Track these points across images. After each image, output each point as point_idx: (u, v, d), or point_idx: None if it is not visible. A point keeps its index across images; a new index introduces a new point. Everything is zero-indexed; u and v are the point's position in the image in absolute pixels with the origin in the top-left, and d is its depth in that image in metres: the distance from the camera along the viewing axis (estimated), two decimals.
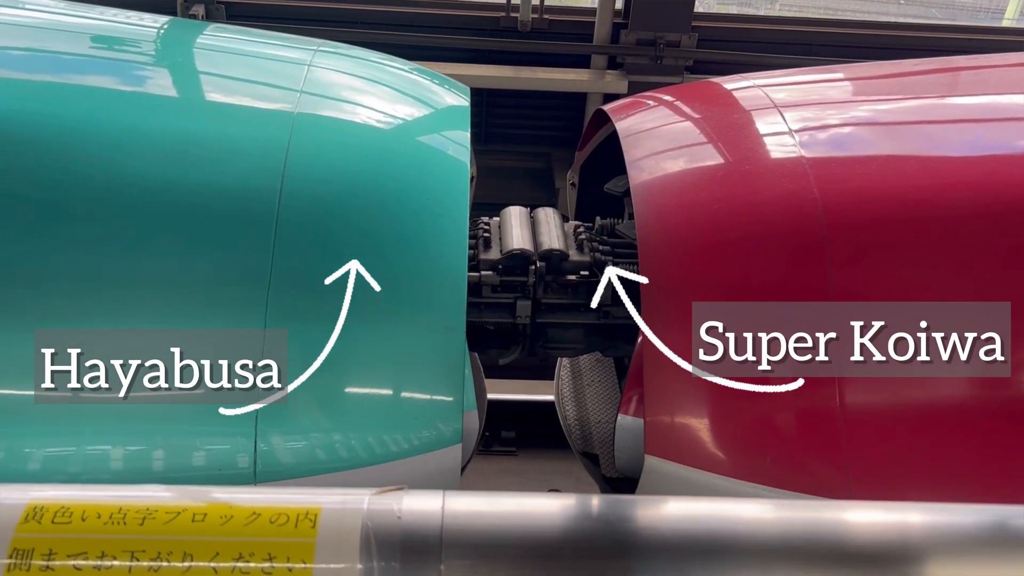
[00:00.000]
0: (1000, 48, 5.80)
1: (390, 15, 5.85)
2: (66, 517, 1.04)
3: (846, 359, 1.85)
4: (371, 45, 2.99)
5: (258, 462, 1.76)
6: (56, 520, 1.04)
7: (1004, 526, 1.23)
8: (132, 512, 1.05)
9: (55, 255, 1.84)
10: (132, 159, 1.95)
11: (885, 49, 5.81)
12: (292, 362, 1.80)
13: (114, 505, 1.06)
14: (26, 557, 1.01)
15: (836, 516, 1.25)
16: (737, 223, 2.02)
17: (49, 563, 1.01)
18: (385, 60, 2.62)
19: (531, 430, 3.99)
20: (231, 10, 5.71)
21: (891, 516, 1.26)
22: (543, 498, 1.22)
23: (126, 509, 1.05)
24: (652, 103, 2.63)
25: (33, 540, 1.03)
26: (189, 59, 2.48)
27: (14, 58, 2.28)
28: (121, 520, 1.04)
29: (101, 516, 1.04)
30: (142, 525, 1.04)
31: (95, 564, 1.00)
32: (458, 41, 5.78)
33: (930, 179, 2.09)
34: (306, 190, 1.93)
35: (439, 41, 5.73)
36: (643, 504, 1.23)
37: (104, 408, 1.76)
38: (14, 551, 1.02)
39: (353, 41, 2.97)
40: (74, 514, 1.04)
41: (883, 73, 2.81)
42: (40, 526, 1.04)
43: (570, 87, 5.85)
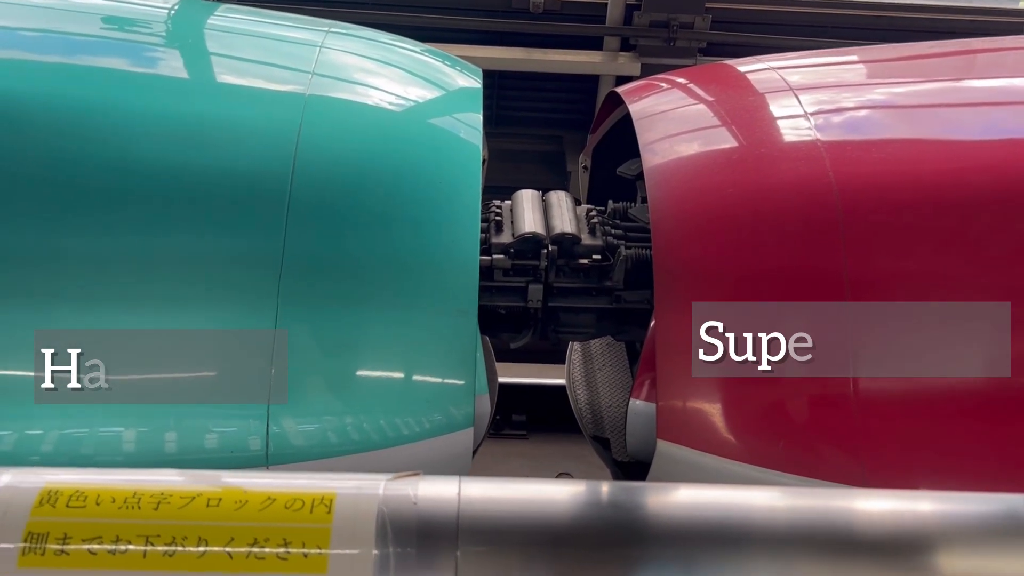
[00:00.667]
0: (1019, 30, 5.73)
1: None
2: (81, 501, 1.04)
3: (859, 345, 1.84)
4: (382, 26, 2.97)
5: (270, 445, 1.76)
6: (71, 504, 1.04)
7: (1016, 515, 1.22)
8: (147, 496, 1.05)
9: (67, 237, 1.84)
10: (142, 141, 1.94)
11: (902, 31, 5.75)
12: (304, 345, 1.80)
13: (129, 489, 1.06)
14: (41, 541, 1.01)
15: (847, 504, 1.24)
16: (751, 207, 2.00)
17: (64, 547, 1.01)
18: (397, 41, 2.61)
19: (542, 414, 3.99)
20: None
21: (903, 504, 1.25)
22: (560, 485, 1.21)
23: (141, 493, 1.06)
24: (665, 85, 2.60)
25: (48, 524, 1.03)
26: (200, 40, 2.47)
27: (25, 39, 2.28)
28: (136, 504, 1.04)
29: (116, 500, 1.04)
30: (157, 510, 1.05)
31: (110, 548, 1.01)
32: (469, 22, 5.74)
33: (947, 163, 2.06)
34: (318, 172, 1.92)
35: (450, 22, 5.70)
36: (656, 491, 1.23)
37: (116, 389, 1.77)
38: (29, 535, 1.02)
39: (364, 22, 2.96)
40: (89, 498, 1.04)
41: (900, 56, 2.78)
42: (55, 510, 1.04)
43: (582, 69, 5.81)
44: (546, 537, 1.10)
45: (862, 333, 1.85)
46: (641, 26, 5.67)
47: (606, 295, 2.30)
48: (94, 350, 1.77)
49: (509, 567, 1.06)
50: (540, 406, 4.00)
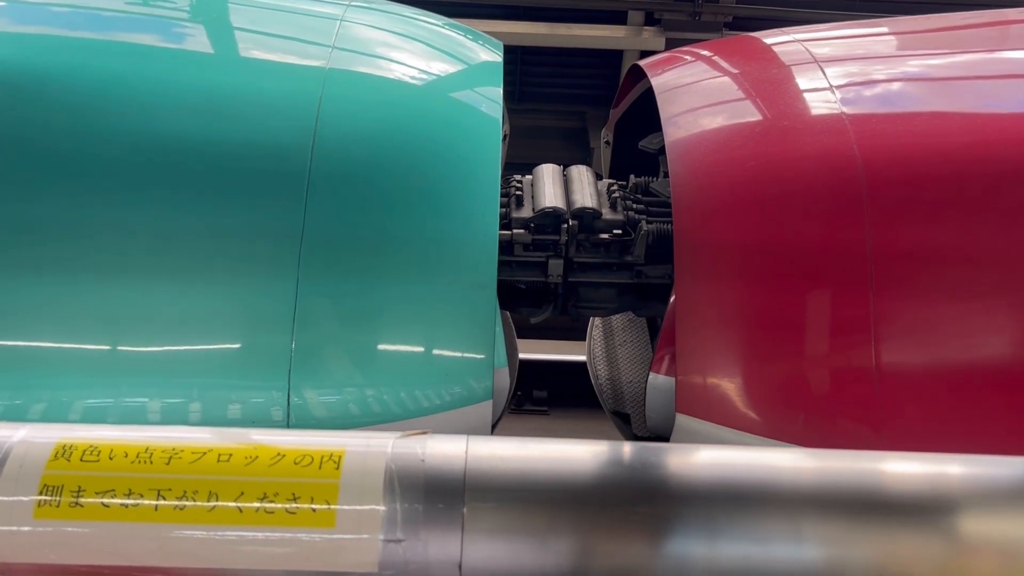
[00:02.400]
0: None
1: None
2: (95, 455, 1.06)
3: (882, 317, 1.82)
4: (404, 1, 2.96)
5: (291, 415, 1.78)
6: (85, 458, 1.06)
7: None
8: (159, 452, 1.07)
9: (90, 209, 1.87)
10: (164, 114, 1.96)
11: (930, 4, 5.64)
12: (324, 317, 1.82)
13: (141, 444, 1.08)
14: (56, 493, 1.04)
15: (874, 466, 1.24)
16: (774, 180, 1.98)
17: (78, 500, 1.03)
18: (418, 15, 2.59)
19: (563, 390, 4.00)
20: None
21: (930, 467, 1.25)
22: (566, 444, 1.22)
23: (153, 448, 1.08)
24: (689, 58, 2.58)
25: (63, 477, 1.05)
26: (222, 14, 2.47)
27: (48, 13, 2.29)
28: (148, 459, 1.06)
29: (128, 455, 1.06)
30: (168, 464, 1.07)
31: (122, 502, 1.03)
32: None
33: (973, 136, 2.03)
34: (338, 146, 1.93)
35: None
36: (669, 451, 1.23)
37: (139, 361, 1.79)
38: (44, 487, 1.04)
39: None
40: (102, 452, 1.06)
41: (927, 27, 2.73)
42: (69, 463, 1.06)
43: (606, 44, 5.78)
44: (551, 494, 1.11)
45: (884, 306, 1.83)
46: (666, 0, 5.62)
47: (627, 270, 2.29)
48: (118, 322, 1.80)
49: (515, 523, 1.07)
50: (561, 382, 4.01)
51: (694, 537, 1.11)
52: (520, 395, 4.00)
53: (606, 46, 5.79)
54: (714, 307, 1.91)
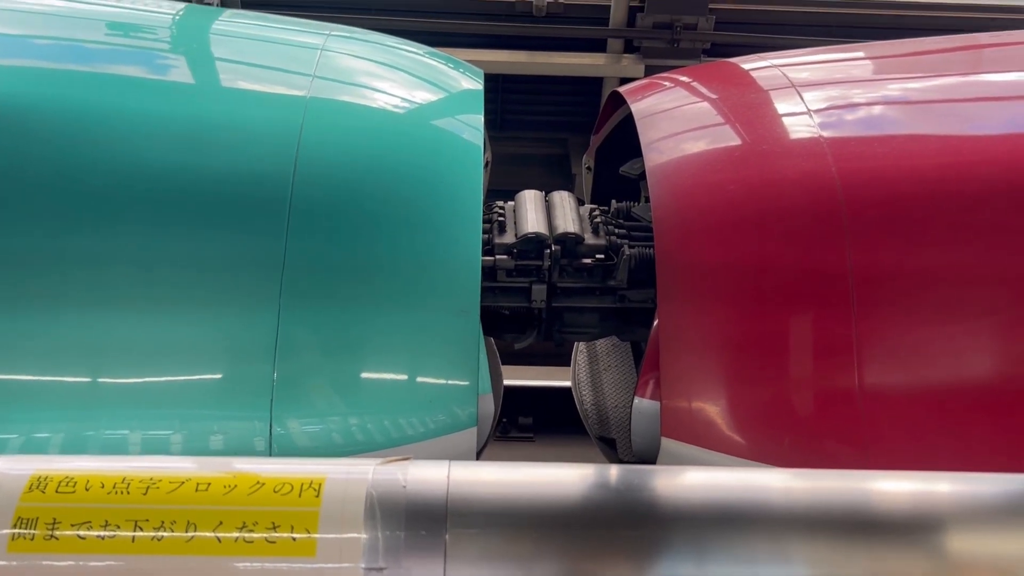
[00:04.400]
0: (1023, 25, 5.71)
1: (405, 1, 5.83)
2: (70, 487, 1.04)
3: (864, 338, 1.83)
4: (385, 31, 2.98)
5: (273, 445, 1.76)
6: (60, 490, 1.04)
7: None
8: (136, 482, 1.05)
9: (71, 240, 1.85)
10: (146, 144, 1.95)
11: (906, 29, 5.73)
12: (307, 346, 1.80)
13: (118, 475, 1.06)
14: (31, 526, 1.01)
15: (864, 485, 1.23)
16: (754, 203, 2.00)
17: (53, 532, 1.01)
18: (399, 44, 2.61)
19: (549, 416, 3.98)
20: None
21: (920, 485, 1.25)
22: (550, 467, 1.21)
23: (130, 479, 1.06)
24: (668, 84, 2.60)
25: (37, 509, 1.03)
26: (203, 45, 2.48)
27: (30, 46, 2.29)
28: (125, 490, 1.04)
29: (105, 486, 1.05)
30: (146, 495, 1.05)
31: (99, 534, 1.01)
32: (473, 26, 5.75)
33: (950, 157, 2.06)
34: (319, 174, 1.93)
35: (454, 27, 5.71)
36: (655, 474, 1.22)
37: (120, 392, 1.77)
38: (18, 520, 1.02)
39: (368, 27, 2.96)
40: (78, 484, 1.04)
41: (902, 52, 2.77)
42: (44, 495, 1.04)
43: (586, 72, 5.82)
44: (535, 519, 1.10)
45: (866, 327, 1.84)
46: (644, 28, 5.68)
47: (610, 294, 2.30)
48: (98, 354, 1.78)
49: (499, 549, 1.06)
50: (547, 408, 3.99)
51: (682, 560, 1.10)
52: (505, 422, 3.97)
53: (586, 73, 5.84)
54: (697, 331, 1.91)
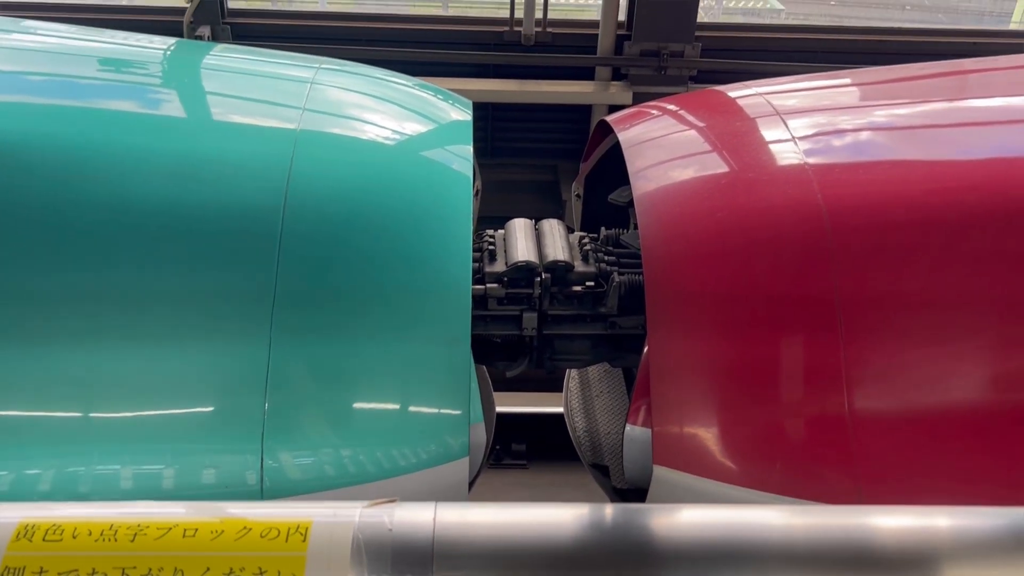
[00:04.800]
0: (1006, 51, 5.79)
1: (394, 32, 5.89)
2: (57, 535, 1.04)
3: (853, 364, 1.84)
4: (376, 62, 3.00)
5: (265, 479, 1.76)
6: (47, 538, 1.04)
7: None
8: (123, 528, 1.05)
9: (61, 276, 1.86)
10: (137, 179, 1.96)
11: (890, 55, 5.81)
12: (298, 378, 1.81)
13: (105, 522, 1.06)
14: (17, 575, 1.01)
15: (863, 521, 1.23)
16: (741, 231, 2.01)
17: None
18: (388, 76, 2.64)
19: (542, 442, 3.98)
20: (236, 30, 5.76)
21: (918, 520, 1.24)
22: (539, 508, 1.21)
23: (117, 526, 1.06)
24: (655, 113, 2.63)
25: (24, 558, 1.03)
26: (194, 80, 2.50)
27: (22, 82, 2.31)
28: (112, 537, 1.04)
29: (92, 533, 1.04)
30: (133, 541, 1.05)
31: None
32: (463, 56, 5.81)
33: (935, 183, 2.08)
34: (309, 207, 1.94)
35: (444, 57, 5.77)
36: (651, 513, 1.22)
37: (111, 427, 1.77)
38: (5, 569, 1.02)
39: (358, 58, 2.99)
40: (65, 531, 1.04)
41: (886, 78, 2.81)
42: (31, 544, 1.04)
43: (575, 99, 5.87)
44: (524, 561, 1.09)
45: (854, 352, 1.85)
46: (632, 56, 5.74)
47: (600, 321, 2.31)
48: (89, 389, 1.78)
49: None
50: (540, 435, 3.99)
51: None
52: (498, 449, 3.97)
53: (575, 101, 5.89)
54: (687, 357, 1.92)
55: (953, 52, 5.82)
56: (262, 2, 15.69)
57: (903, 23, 17.23)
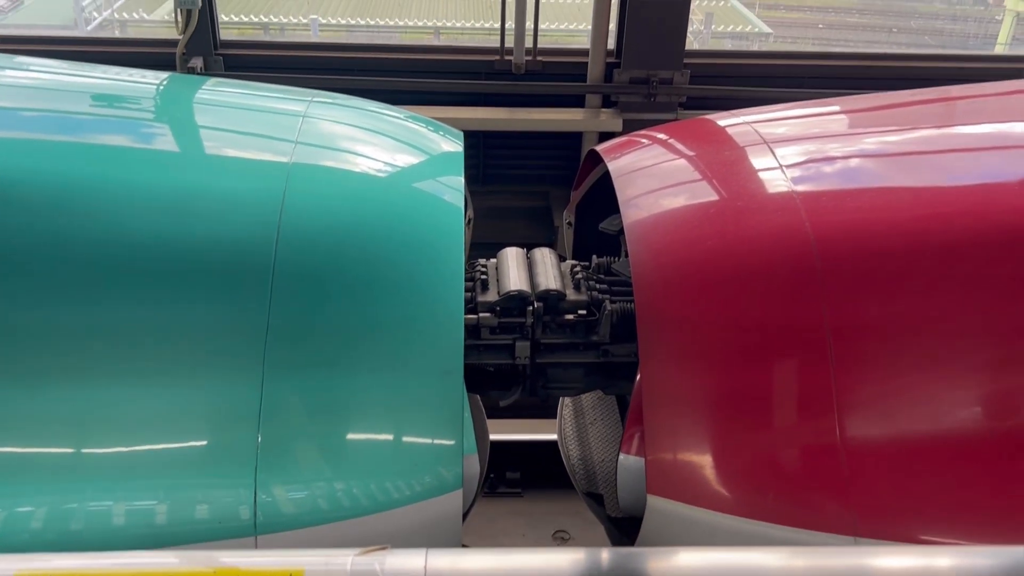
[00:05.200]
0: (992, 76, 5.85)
1: (386, 62, 5.93)
2: None
3: (844, 391, 1.85)
4: (369, 92, 3.03)
5: (258, 513, 1.76)
6: None
7: None
8: None
9: (55, 312, 1.86)
10: (131, 214, 1.97)
11: (877, 80, 5.87)
12: (291, 411, 1.81)
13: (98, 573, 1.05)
14: None
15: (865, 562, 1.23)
16: (731, 259, 2.03)
17: None
18: (379, 108, 2.66)
19: (537, 470, 3.97)
20: (229, 62, 5.79)
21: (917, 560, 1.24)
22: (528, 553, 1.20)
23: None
24: (644, 142, 2.65)
25: None
26: (187, 114, 2.52)
27: (14, 118, 2.32)
28: None
29: None
30: None
31: None
32: (454, 85, 5.85)
33: (923, 209, 2.10)
34: (301, 239, 1.95)
35: (435, 86, 5.80)
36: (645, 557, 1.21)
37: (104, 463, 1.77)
38: None
39: (351, 88, 3.02)
40: None
41: (873, 105, 2.84)
42: None
43: (566, 127, 5.91)
44: None
45: (845, 380, 1.86)
46: (621, 83, 5.78)
47: (593, 349, 2.32)
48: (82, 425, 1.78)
49: None
50: (534, 463, 3.98)
51: None
52: (493, 477, 3.96)
53: (565, 128, 5.92)
54: (679, 385, 1.93)
55: (939, 77, 5.89)
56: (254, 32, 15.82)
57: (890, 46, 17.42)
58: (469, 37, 16.60)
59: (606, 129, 5.74)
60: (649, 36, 5.67)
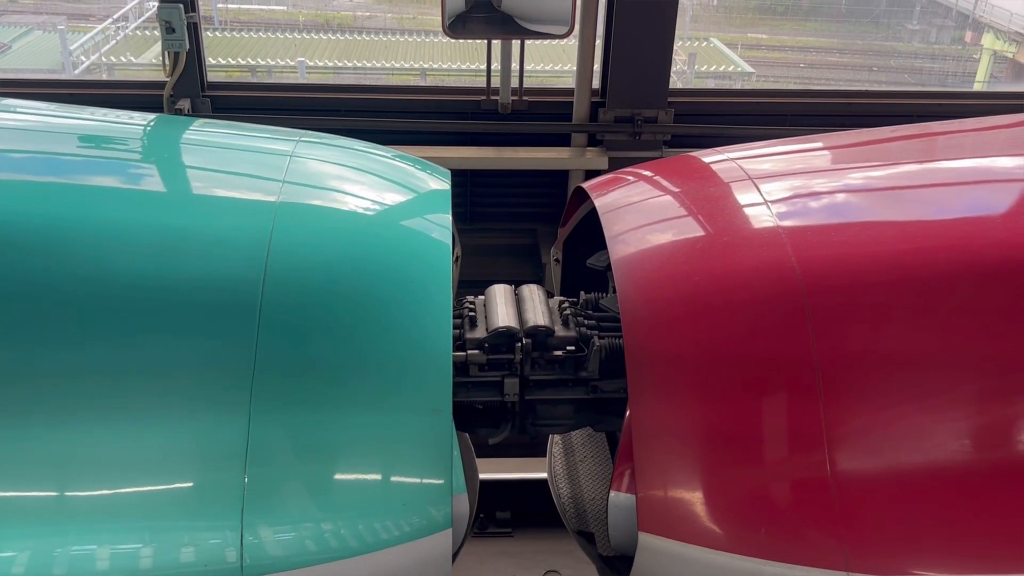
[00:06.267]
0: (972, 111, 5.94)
1: (374, 103, 5.97)
2: None
3: (833, 425, 1.85)
4: (357, 132, 3.04)
5: (245, 556, 1.73)
6: None
7: None
8: None
9: (41, 353, 1.84)
10: (118, 255, 1.97)
11: (858, 117, 5.95)
12: (277, 451, 1.79)
13: None
14: None
15: None
16: (718, 293, 2.04)
17: None
18: (366, 147, 2.67)
19: (527, 509, 3.94)
20: (216, 103, 5.82)
21: None
22: None
23: None
24: (630, 179, 2.67)
25: None
26: (174, 154, 2.52)
27: (1, 159, 2.32)
28: None
29: None
30: None
31: None
32: (441, 125, 5.89)
33: (908, 243, 2.12)
34: (289, 278, 1.95)
35: (423, 126, 5.85)
36: None
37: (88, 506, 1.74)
38: None
39: (339, 129, 3.04)
40: None
41: (855, 141, 2.88)
42: None
43: (552, 165, 5.95)
44: None
45: (834, 413, 1.86)
46: (607, 122, 5.84)
47: (582, 386, 2.31)
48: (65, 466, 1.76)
49: None
50: (525, 501, 3.95)
51: None
52: (483, 517, 3.92)
53: (552, 167, 5.97)
54: (669, 421, 1.92)
55: (919, 113, 5.98)
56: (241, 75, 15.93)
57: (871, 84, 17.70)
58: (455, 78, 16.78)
59: (592, 167, 5.79)
60: (633, 75, 5.74)
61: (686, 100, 6.04)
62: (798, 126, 5.82)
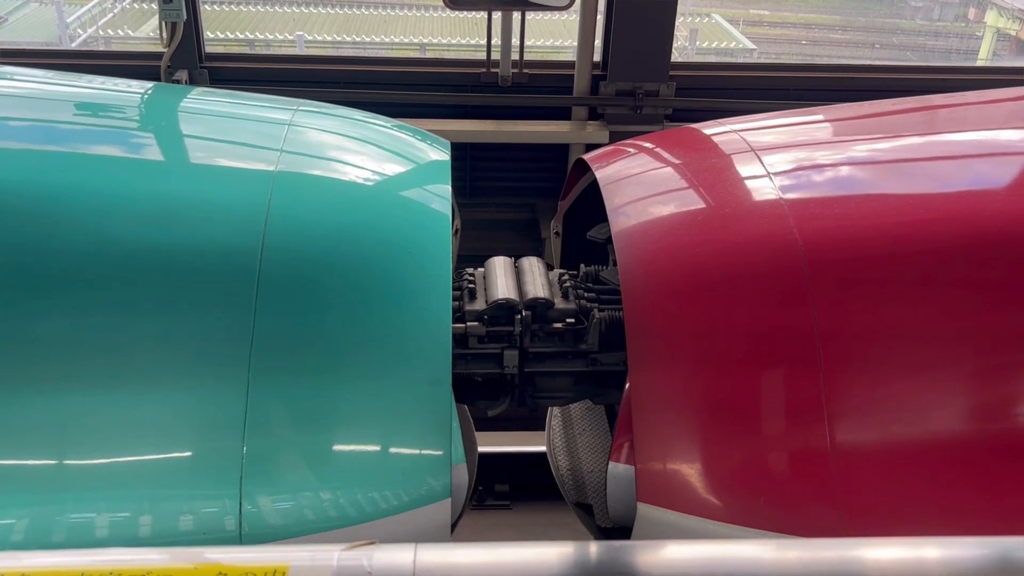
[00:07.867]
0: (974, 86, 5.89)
1: (373, 75, 5.92)
2: None
3: (833, 397, 1.85)
4: (355, 104, 3.01)
5: (244, 524, 1.73)
6: None
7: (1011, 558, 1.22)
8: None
9: (40, 321, 1.83)
10: (116, 223, 1.95)
11: (861, 91, 5.90)
12: (276, 420, 1.79)
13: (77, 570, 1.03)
14: None
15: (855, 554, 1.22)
16: (719, 265, 2.03)
17: None
18: (365, 117, 2.65)
19: (526, 482, 3.94)
20: (214, 74, 5.77)
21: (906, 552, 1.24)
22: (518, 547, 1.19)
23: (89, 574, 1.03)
24: (632, 151, 2.65)
25: None
26: (172, 122, 2.50)
27: None
28: None
29: None
30: None
31: None
32: (441, 98, 5.85)
33: (910, 215, 2.11)
34: (287, 247, 1.94)
35: (422, 98, 5.80)
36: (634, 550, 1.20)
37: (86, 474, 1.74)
38: None
39: (338, 101, 3.00)
40: None
41: (858, 113, 2.85)
42: None
43: (552, 139, 5.91)
44: None
45: (834, 385, 1.85)
46: (608, 95, 5.80)
47: (582, 358, 2.30)
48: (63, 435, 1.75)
49: None
50: (523, 474, 3.95)
51: None
52: (481, 490, 3.93)
53: (552, 140, 5.93)
54: (668, 393, 1.92)
55: (922, 88, 5.93)
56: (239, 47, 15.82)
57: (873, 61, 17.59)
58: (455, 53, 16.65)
59: (592, 141, 5.75)
60: (635, 48, 5.69)
61: (688, 74, 5.99)
62: (800, 100, 5.78)
